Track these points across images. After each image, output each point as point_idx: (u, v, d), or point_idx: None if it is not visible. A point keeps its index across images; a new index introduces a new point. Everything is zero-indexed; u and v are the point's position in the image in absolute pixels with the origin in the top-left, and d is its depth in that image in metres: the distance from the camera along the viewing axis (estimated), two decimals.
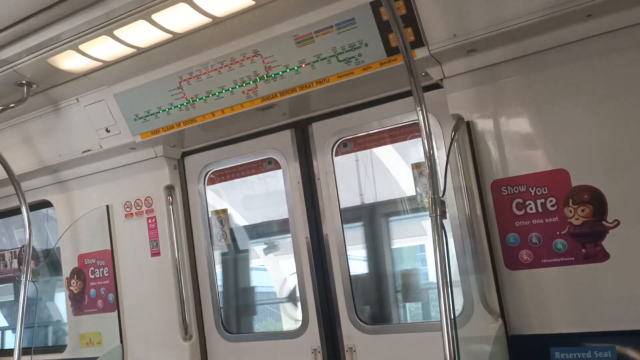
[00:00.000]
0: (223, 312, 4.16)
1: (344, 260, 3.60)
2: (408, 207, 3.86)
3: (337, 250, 3.62)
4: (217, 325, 4.08)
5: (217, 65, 3.38)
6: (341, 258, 3.61)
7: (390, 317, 3.96)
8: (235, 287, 4.55)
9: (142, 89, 3.65)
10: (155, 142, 3.97)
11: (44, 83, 3.64)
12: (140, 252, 4.19)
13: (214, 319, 4.09)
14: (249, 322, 4.56)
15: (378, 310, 3.91)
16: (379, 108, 3.55)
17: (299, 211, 3.77)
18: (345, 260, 3.61)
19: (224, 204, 4.36)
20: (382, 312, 3.94)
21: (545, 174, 2.80)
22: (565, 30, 2.66)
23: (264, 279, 4.88)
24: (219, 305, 4.11)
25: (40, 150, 4.26)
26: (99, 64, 3.44)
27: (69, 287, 4.47)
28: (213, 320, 4.09)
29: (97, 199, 4.40)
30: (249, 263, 4.62)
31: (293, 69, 3.23)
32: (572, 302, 2.73)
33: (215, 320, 4.09)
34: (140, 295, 4.18)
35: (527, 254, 2.83)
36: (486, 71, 2.93)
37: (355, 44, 3.03)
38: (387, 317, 3.96)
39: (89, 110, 3.90)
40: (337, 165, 3.70)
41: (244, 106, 3.48)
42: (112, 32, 3.09)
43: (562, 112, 2.77)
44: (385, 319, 3.93)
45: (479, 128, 2.97)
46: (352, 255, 3.72)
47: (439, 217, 2.43)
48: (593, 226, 2.67)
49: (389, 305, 3.99)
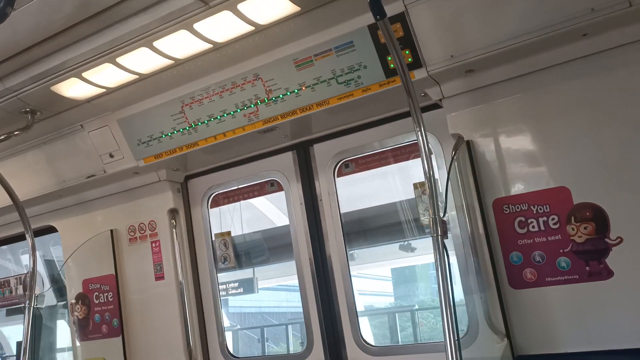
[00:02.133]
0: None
1: (348, 280, 3.59)
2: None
3: (341, 271, 3.61)
4: (222, 349, 4.06)
5: (219, 90, 3.42)
6: (345, 279, 3.60)
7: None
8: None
9: (145, 114, 3.70)
10: (159, 166, 4.00)
11: (48, 110, 3.69)
12: (145, 276, 4.19)
13: (219, 342, 4.07)
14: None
15: None
16: (379, 129, 3.57)
17: (301, 232, 3.78)
18: (349, 280, 3.60)
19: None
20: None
21: (547, 192, 2.80)
22: (561, 50, 2.69)
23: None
24: (223, 329, 4.09)
25: (44, 176, 4.29)
26: (102, 90, 3.49)
27: (74, 312, 4.47)
28: (218, 343, 4.07)
29: (102, 224, 4.42)
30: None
31: (293, 91, 3.27)
32: (577, 320, 2.70)
33: (220, 344, 4.07)
34: (145, 320, 4.17)
35: (531, 273, 2.82)
36: (485, 91, 2.95)
37: (354, 66, 3.06)
38: None
39: (92, 136, 3.94)
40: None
41: (246, 129, 3.51)
42: (114, 60, 3.14)
43: (561, 130, 2.78)
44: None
45: (479, 147, 2.98)
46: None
47: (440, 237, 2.42)
48: (596, 244, 2.66)
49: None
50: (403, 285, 5.61)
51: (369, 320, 5.33)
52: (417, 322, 6.32)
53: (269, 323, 7.04)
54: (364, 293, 6.34)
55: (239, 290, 4.66)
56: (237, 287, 4.64)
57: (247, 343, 7.40)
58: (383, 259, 4.87)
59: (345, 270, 3.60)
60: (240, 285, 4.69)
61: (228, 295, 4.51)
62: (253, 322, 7.34)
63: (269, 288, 4.84)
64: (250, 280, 4.16)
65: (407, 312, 5.68)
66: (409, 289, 5.29)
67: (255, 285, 5.14)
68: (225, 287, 4.52)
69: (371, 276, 6.34)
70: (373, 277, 6.41)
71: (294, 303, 4.84)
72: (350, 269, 3.63)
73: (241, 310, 7.50)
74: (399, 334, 5.63)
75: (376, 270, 5.87)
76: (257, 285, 5.15)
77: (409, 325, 5.78)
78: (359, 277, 6.14)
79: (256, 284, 5.15)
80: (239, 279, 4.70)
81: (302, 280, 3.77)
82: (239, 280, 4.68)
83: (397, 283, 6.32)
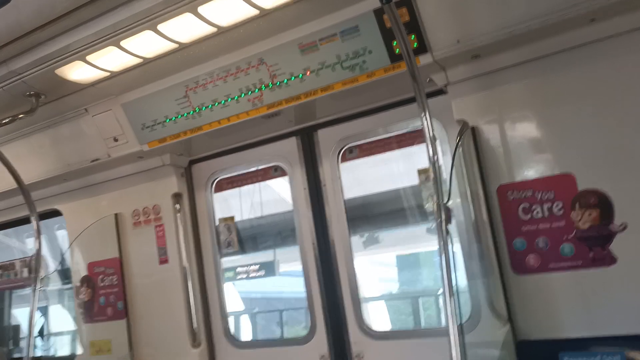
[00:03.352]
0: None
1: (351, 266, 3.60)
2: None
3: (344, 256, 3.63)
4: (226, 333, 4.09)
5: (223, 74, 3.41)
6: (348, 264, 3.61)
7: None
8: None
9: (149, 98, 3.69)
10: (163, 150, 4.00)
11: (52, 93, 3.68)
12: (149, 260, 4.21)
13: (222, 326, 4.10)
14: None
15: None
16: (384, 114, 3.56)
17: (305, 218, 3.78)
18: (352, 265, 3.61)
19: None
20: None
21: (552, 179, 2.79)
22: (568, 35, 2.67)
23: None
24: (226, 312, 4.12)
25: (49, 160, 4.30)
26: (106, 74, 3.48)
27: (79, 295, 4.50)
28: (221, 327, 4.10)
29: (106, 208, 4.44)
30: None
31: (298, 76, 3.25)
32: (580, 306, 2.71)
33: (223, 328, 4.10)
34: (149, 303, 4.20)
35: (534, 259, 2.82)
36: (490, 76, 2.94)
37: (359, 51, 3.04)
38: None
39: (97, 120, 3.94)
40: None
41: (250, 114, 3.50)
42: (118, 43, 3.13)
43: (567, 116, 2.77)
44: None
45: (484, 133, 2.98)
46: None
47: (444, 222, 2.43)
48: (600, 230, 2.66)
49: None
50: (427, 269, 5.62)
51: (389, 305, 5.34)
52: (440, 307, 6.30)
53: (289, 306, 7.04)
54: (385, 280, 6.33)
55: (259, 272, 4.63)
56: (258, 269, 4.61)
57: (266, 326, 7.44)
58: (411, 242, 4.80)
59: (349, 256, 3.61)
60: (261, 268, 4.66)
61: (248, 278, 4.49)
62: (273, 306, 7.39)
63: (289, 273, 4.76)
64: (271, 263, 4.08)
65: (432, 297, 5.69)
66: (432, 273, 5.29)
67: (276, 269, 5.10)
68: (246, 270, 4.51)
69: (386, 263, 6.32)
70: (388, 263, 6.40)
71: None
72: (353, 255, 3.63)
73: (262, 295, 7.53)
74: (422, 318, 5.67)
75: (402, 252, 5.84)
76: (278, 268, 5.12)
77: (432, 308, 5.82)
78: (378, 265, 6.12)
79: (277, 267, 5.11)
80: (259, 261, 4.67)
81: (305, 265, 3.78)
82: (260, 263, 4.65)
83: (416, 267, 6.32)
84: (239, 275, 4.45)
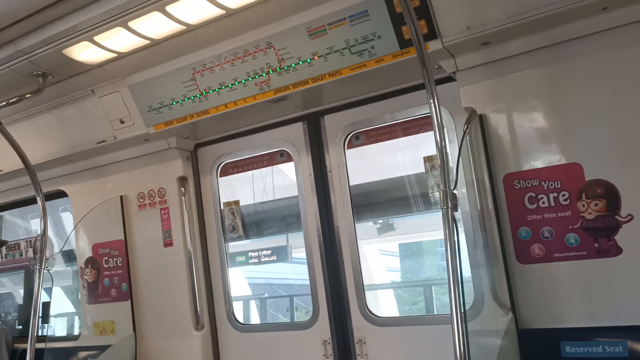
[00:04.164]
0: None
1: (355, 252, 3.61)
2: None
3: (348, 243, 3.63)
4: (229, 316, 4.12)
5: (230, 57, 3.40)
6: (352, 250, 3.62)
7: None
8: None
9: (156, 80, 3.68)
10: (169, 133, 4.00)
11: (59, 74, 3.67)
12: (153, 243, 4.23)
13: (226, 309, 4.12)
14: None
15: None
16: (391, 101, 3.54)
17: (310, 203, 3.79)
18: (356, 252, 3.62)
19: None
20: None
21: (559, 168, 2.78)
22: (580, 23, 2.64)
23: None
24: (230, 296, 4.14)
25: (55, 141, 4.31)
26: (113, 55, 3.47)
27: (84, 276, 4.53)
28: (225, 310, 4.12)
29: (111, 190, 4.45)
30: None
31: (306, 61, 3.24)
32: (583, 296, 2.71)
33: (227, 311, 4.12)
34: (153, 285, 4.23)
35: (538, 248, 2.82)
36: (500, 64, 2.91)
37: (368, 36, 3.02)
38: None
39: (103, 102, 3.93)
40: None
41: (257, 98, 3.49)
42: (126, 24, 3.11)
43: (576, 106, 2.75)
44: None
45: (492, 121, 2.96)
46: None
47: (449, 209, 2.42)
48: (606, 220, 2.65)
49: None
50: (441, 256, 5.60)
51: (401, 293, 5.36)
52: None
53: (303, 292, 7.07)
54: (392, 269, 6.33)
55: (272, 258, 4.61)
56: (270, 254, 4.58)
57: (277, 311, 7.49)
58: (427, 229, 4.76)
59: (353, 242, 3.62)
60: (273, 253, 4.63)
61: (260, 262, 4.47)
62: (284, 292, 7.43)
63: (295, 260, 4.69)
64: (283, 248, 4.01)
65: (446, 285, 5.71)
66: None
67: (289, 254, 5.05)
68: (257, 255, 4.49)
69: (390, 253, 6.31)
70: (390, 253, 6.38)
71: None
72: (358, 242, 3.64)
73: (270, 281, 7.56)
74: (435, 304, 5.68)
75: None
76: (291, 254, 5.07)
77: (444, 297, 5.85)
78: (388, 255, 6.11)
79: (290, 253, 5.07)
80: (271, 246, 4.64)
81: (309, 250, 3.79)
82: (272, 247, 4.63)
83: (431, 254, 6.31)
84: (251, 260, 4.44)
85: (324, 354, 3.66)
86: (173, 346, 4.10)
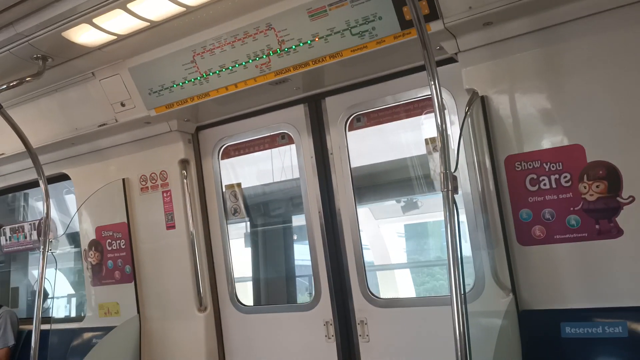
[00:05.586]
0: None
1: (356, 233, 3.62)
2: None
3: (350, 224, 3.64)
4: (232, 297, 4.15)
5: (231, 39, 3.38)
6: (353, 232, 3.63)
7: None
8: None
9: (156, 63, 3.66)
10: (170, 116, 3.99)
11: (59, 57, 3.66)
12: (156, 225, 4.25)
13: (228, 291, 4.15)
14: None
15: None
16: (393, 82, 3.52)
17: (312, 185, 3.79)
18: (357, 233, 3.62)
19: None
20: None
21: (560, 149, 2.77)
22: (582, 3, 2.61)
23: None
24: (232, 278, 4.17)
25: (57, 124, 4.31)
26: (113, 37, 3.45)
27: (87, 258, 4.57)
28: (227, 292, 4.16)
29: (114, 173, 4.46)
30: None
31: (306, 42, 3.21)
32: (584, 277, 2.72)
33: (229, 293, 4.16)
34: (156, 267, 4.26)
35: (539, 230, 2.82)
36: (502, 45, 2.88)
37: (369, 17, 2.99)
38: None
39: (104, 84, 3.92)
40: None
41: (257, 80, 3.47)
42: (125, 6, 3.09)
43: (578, 87, 2.73)
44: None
45: (494, 103, 2.94)
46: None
47: (450, 192, 2.41)
48: (607, 202, 2.64)
49: None
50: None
51: (416, 273, 5.36)
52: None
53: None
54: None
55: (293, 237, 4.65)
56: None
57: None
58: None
59: (354, 224, 3.63)
60: (294, 232, 4.65)
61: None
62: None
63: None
64: (304, 227, 4.03)
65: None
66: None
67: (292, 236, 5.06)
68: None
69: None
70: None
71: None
72: (359, 224, 3.65)
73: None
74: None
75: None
76: (293, 236, 5.08)
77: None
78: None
79: (292, 235, 5.07)
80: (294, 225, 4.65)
81: (311, 232, 3.80)
82: (295, 226, 4.64)
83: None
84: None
85: (325, 334, 3.70)
86: (176, 327, 4.14)
